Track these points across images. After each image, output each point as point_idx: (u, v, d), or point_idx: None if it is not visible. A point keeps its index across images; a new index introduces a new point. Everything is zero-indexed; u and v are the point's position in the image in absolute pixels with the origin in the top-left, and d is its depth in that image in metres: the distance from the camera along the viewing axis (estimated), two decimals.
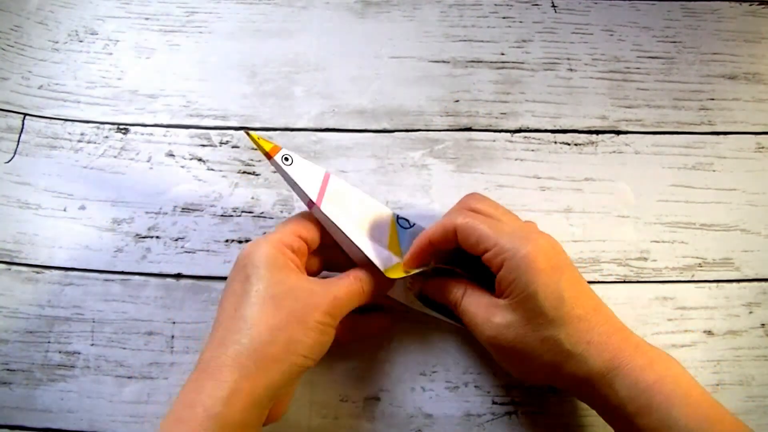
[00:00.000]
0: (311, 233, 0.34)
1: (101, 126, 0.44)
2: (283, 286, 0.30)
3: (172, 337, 0.39)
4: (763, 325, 0.39)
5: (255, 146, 0.33)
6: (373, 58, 0.46)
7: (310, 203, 0.34)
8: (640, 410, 0.28)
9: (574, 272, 0.31)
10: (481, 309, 0.32)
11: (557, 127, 0.44)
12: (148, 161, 0.43)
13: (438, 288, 0.36)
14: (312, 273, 0.35)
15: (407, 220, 0.36)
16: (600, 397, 0.30)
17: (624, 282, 0.40)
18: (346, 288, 0.32)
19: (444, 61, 0.46)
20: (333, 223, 0.33)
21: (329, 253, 0.36)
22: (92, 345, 0.38)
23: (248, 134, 0.32)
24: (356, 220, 0.35)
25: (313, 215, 0.34)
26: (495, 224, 0.32)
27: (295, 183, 0.33)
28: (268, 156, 0.33)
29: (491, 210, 0.34)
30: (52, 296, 0.39)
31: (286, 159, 0.33)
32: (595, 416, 0.37)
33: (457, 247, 0.33)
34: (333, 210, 0.34)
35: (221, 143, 0.43)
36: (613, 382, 0.29)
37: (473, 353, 0.38)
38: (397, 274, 0.34)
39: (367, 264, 0.34)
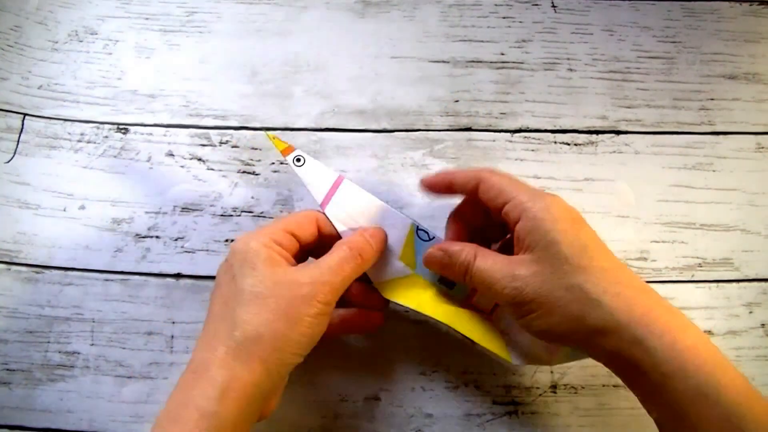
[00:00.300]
0: (304, 232, 0.33)
1: (101, 126, 0.44)
2: (268, 282, 0.30)
3: (172, 337, 0.39)
4: (763, 325, 0.39)
5: (275, 142, 0.35)
6: (373, 58, 0.46)
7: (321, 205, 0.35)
8: (674, 373, 0.26)
9: (593, 230, 0.31)
10: (499, 265, 0.31)
11: (557, 127, 0.44)
12: (147, 161, 0.43)
13: (443, 251, 0.33)
14: None
15: (427, 233, 0.35)
16: (625, 356, 0.27)
17: None
18: (338, 267, 0.31)
19: (444, 61, 0.46)
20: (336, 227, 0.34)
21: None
22: (92, 345, 0.38)
23: (266, 134, 0.35)
24: (363, 226, 0.35)
25: (312, 212, 0.35)
26: (515, 182, 0.32)
27: (304, 184, 0.34)
28: (289, 150, 0.35)
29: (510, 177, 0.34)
30: (51, 296, 0.39)
31: (298, 160, 0.35)
32: (595, 416, 0.37)
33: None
34: (338, 214, 0.34)
35: (221, 143, 0.43)
36: (645, 340, 0.27)
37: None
38: (393, 294, 0.35)
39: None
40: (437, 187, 0.35)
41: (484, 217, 0.34)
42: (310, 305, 0.29)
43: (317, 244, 0.34)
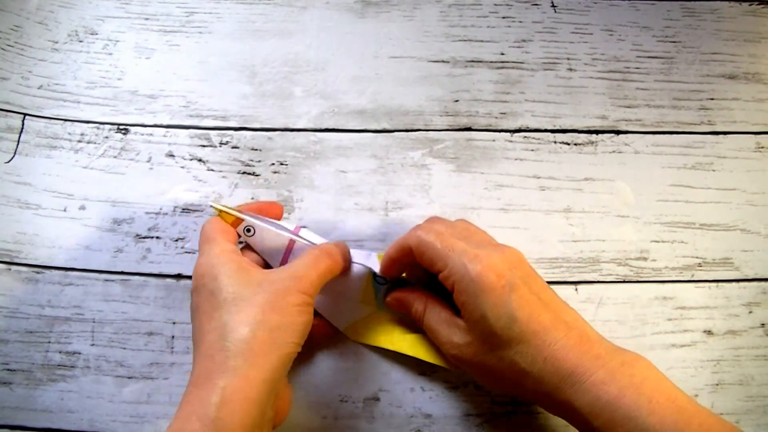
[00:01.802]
0: (261, 211, 0.35)
1: (101, 126, 0.44)
2: (249, 284, 0.30)
3: (173, 337, 0.39)
4: (763, 325, 0.39)
5: (221, 215, 0.35)
6: (373, 58, 0.46)
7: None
8: (604, 425, 0.27)
9: (531, 286, 0.30)
10: (443, 326, 0.33)
11: (557, 127, 0.44)
12: (148, 161, 0.43)
13: (399, 301, 0.35)
14: None
15: (384, 278, 0.36)
16: (566, 411, 0.29)
17: (624, 282, 0.40)
18: (312, 264, 0.32)
19: (444, 61, 0.46)
20: None
21: None
22: (92, 345, 0.38)
23: (212, 205, 0.35)
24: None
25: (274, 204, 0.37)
26: (449, 242, 0.31)
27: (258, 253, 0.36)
28: (237, 222, 0.35)
29: (450, 228, 0.33)
30: (52, 296, 0.39)
31: (248, 230, 0.35)
32: None
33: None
34: None
35: (221, 144, 0.43)
36: (575, 399, 0.28)
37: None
38: (361, 337, 0.37)
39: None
40: (390, 274, 0.35)
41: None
42: (292, 295, 0.30)
43: None
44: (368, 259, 0.36)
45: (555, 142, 0.44)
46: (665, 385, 0.28)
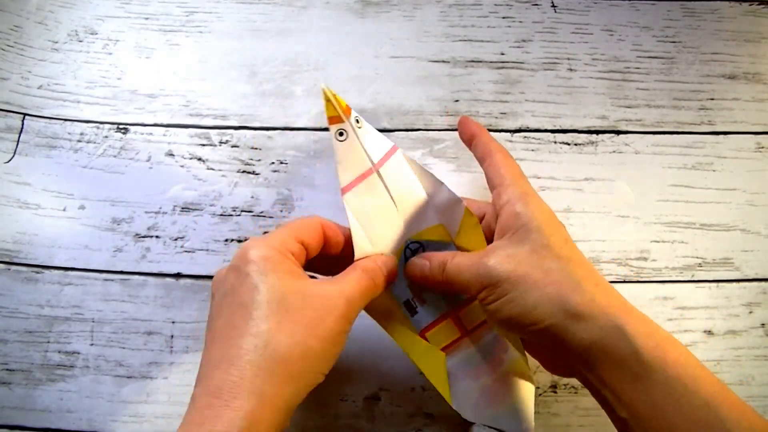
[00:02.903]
0: (313, 240, 0.31)
1: (101, 126, 0.44)
2: (296, 294, 0.27)
3: (172, 336, 0.39)
4: (763, 325, 0.39)
5: (328, 104, 0.31)
6: (373, 58, 0.46)
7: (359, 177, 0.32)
8: (655, 362, 0.25)
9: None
10: (473, 256, 0.30)
11: (557, 127, 0.44)
12: (147, 161, 0.43)
13: (424, 256, 0.33)
14: None
15: (421, 245, 0.33)
16: (603, 344, 0.26)
17: (624, 282, 0.40)
18: (357, 285, 0.29)
19: (444, 61, 0.46)
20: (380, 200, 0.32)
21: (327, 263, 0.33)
22: (92, 345, 0.38)
23: (324, 90, 0.31)
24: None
25: (317, 219, 0.32)
26: (517, 172, 0.32)
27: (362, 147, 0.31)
28: (335, 120, 0.31)
29: None
30: (51, 296, 0.39)
31: (357, 121, 0.32)
32: (594, 416, 0.37)
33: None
34: (356, 209, 0.32)
35: (221, 143, 0.43)
36: (627, 326, 0.26)
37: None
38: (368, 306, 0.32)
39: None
40: (465, 132, 0.35)
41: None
42: (337, 321, 0.27)
43: (321, 253, 0.32)
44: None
45: (555, 142, 0.43)
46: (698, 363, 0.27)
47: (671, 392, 0.25)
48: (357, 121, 0.32)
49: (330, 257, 0.33)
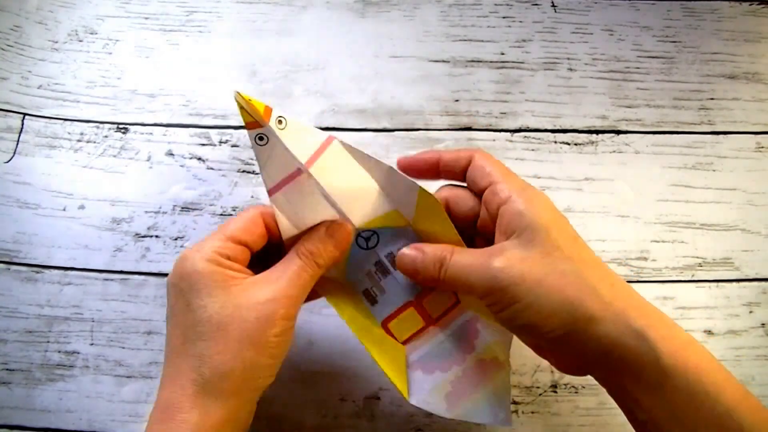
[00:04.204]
0: (252, 235, 0.30)
1: (101, 125, 0.44)
2: (228, 307, 0.27)
3: None
4: (763, 324, 0.39)
5: (242, 111, 0.28)
6: (373, 58, 0.46)
7: (286, 179, 0.30)
8: (675, 367, 0.25)
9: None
10: (479, 255, 0.28)
11: (557, 127, 0.44)
12: (147, 160, 0.43)
13: (418, 249, 0.30)
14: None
15: (370, 238, 0.32)
16: (623, 348, 0.25)
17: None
18: (295, 277, 0.29)
19: (444, 61, 0.46)
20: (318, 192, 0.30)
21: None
22: (91, 344, 0.38)
23: (237, 96, 0.28)
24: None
25: (256, 210, 0.31)
26: (505, 169, 0.30)
27: (285, 149, 0.29)
28: (253, 125, 0.28)
29: None
30: (51, 296, 0.39)
31: (280, 122, 0.29)
32: (595, 416, 0.37)
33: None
34: (284, 209, 0.30)
35: (221, 142, 0.43)
36: (647, 330, 0.25)
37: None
38: (326, 293, 0.32)
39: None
40: (419, 166, 0.32)
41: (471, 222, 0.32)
42: (274, 325, 0.27)
43: (268, 243, 0.32)
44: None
45: (555, 142, 0.43)
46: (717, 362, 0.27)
47: (692, 399, 0.25)
48: (280, 122, 0.29)
49: (279, 243, 0.32)
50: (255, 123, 0.28)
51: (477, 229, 0.31)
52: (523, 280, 0.26)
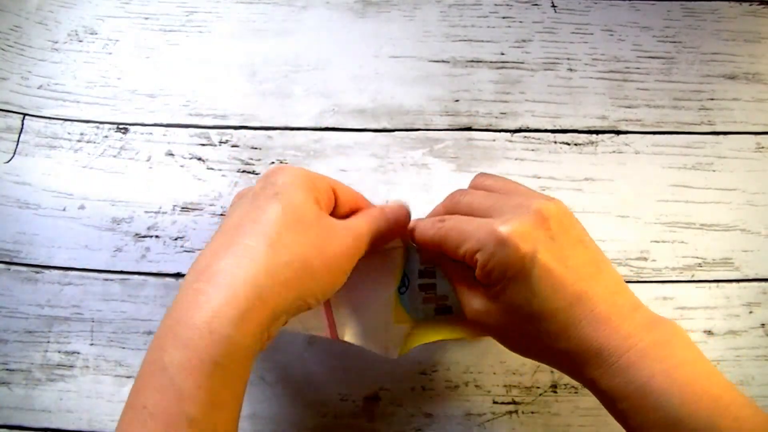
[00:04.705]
0: (341, 196, 0.31)
1: (101, 126, 0.44)
2: (313, 215, 0.28)
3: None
4: (763, 325, 0.39)
5: None
6: (373, 58, 0.46)
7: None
8: (629, 411, 0.26)
9: (556, 251, 0.28)
10: (464, 288, 0.31)
11: (557, 127, 0.44)
12: (147, 161, 0.43)
13: (434, 253, 0.33)
14: None
15: (404, 285, 0.35)
16: (592, 388, 0.28)
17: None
18: (364, 224, 0.30)
19: (444, 61, 0.46)
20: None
21: None
22: (91, 345, 0.38)
23: None
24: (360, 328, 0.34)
25: (327, 179, 0.33)
26: (467, 221, 0.30)
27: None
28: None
29: (466, 205, 0.32)
30: (51, 296, 0.39)
31: None
32: (595, 416, 0.37)
33: None
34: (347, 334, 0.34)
35: (221, 142, 0.43)
36: (602, 380, 0.26)
37: (473, 352, 0.38)
38: (413, 342, 0.34)
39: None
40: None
41: None
42: (345, 251, 0.28)
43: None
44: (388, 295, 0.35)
45: (555, 142, 0.43)
46: (701, 370, 0.26)
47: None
48: None
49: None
50: None
51: None
52: (492, 329, 0.30)
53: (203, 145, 0.43)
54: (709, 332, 0.39)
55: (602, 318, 0.27)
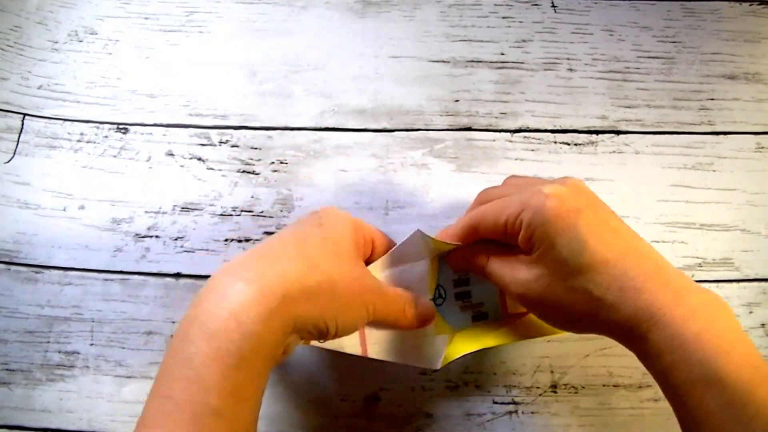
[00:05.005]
0: (379, 247, 0.34)
1: (101, 126, 0.44)
2: (350, 252, 0.30)
3: (172, 336, 0.39)
4: (763, 325, 0.39)
5: None
6: (373, 58, 0.46)
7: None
8: (675, 364, 0.26)
9: (597, 211, 0.29)
10: (507, 268, 0.31)
11: (557, 127, 0.44)
12: (147, 161, 0.43)
13: (461, 259, 0.34)
14: None
15: (440, 291, 0.36)
16: (637, 346, 0.28)
17: None
18: (390, 296, 0.32)
19: (444, 61, 0.46)
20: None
21: None
22: (91, 345, 0.38)
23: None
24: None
25: (369, 227, 0.35)
26: (502, 198, 0.31)
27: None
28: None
29: (497, 189, 0.34)
30: (51, 296, 0.39)
31: None
32: (595, 416, 0.37)
33: None
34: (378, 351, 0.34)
35: (221, 142, 0.43)
36: (650, 333, 0.26)
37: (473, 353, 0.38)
38: (456, 352, 0.34)
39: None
40: (466, 262, 0.35)
41: None
42: (363, 296, 0.30)
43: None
44: (421, 279, 0.35)
45: (555, 142, 0.43)
46: (743, 338, 0.26)
47: (694, 392, 0.26)
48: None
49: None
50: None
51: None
52: (541, 298, 0.29)
53: (203, 145, 0.43)
54: None
55: (651, 272, 0.28)
